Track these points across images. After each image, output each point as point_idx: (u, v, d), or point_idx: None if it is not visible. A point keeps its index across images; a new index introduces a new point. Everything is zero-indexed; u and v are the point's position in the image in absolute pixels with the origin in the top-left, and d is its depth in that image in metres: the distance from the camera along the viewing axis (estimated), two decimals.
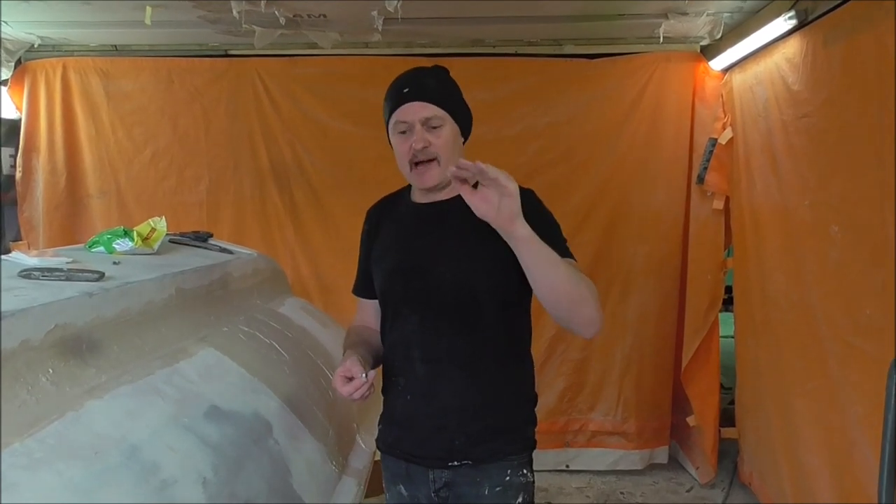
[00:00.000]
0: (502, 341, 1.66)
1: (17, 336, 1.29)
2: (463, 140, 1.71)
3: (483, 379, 1.64)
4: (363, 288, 1.83)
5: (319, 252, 4.10)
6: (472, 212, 1.46)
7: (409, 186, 1.77)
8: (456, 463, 1.64)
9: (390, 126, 1.69)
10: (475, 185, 1.41)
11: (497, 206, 1.37)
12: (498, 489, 1.65)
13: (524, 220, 1.39)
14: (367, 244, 1.82)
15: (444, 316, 1.63)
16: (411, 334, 1.67)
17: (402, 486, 1.74)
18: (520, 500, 1.67)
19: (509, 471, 1.66)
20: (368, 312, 1.82)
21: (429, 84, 1.67)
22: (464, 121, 1.70)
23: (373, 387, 1.53)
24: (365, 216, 1.86)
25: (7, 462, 1.11)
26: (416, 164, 1.63)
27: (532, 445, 1.73)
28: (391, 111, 1.67)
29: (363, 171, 3.99)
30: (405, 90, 1.65)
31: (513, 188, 1.36)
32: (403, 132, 1.64)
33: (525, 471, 1.69)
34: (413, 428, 1.68)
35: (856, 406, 2.48)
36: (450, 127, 1.65)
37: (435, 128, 1.63)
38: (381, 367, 1.74)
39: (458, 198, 1.50)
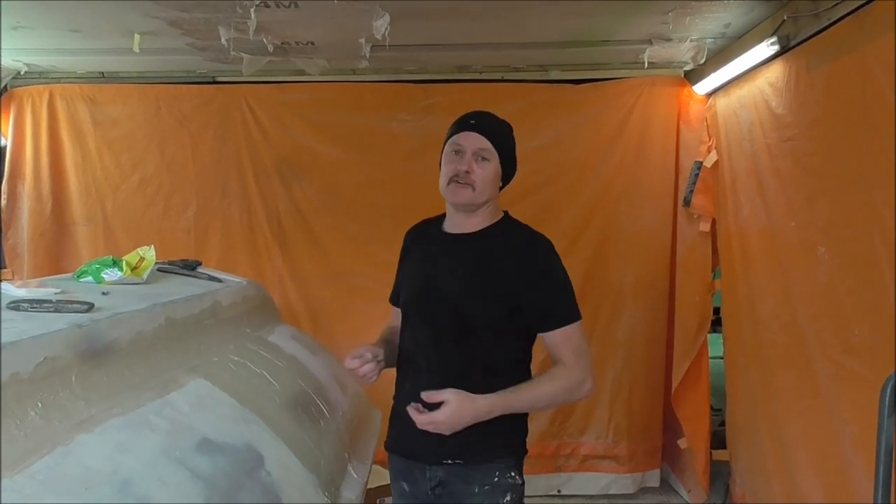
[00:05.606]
0: (494, 359, 1.87)
1: (7, 370, 1.27)
2: (501, 185, 1.93)
3: (474, 391, 1.76)
4: (395, 298, 2.11)
5: (308, 277, 4.08)
6: (485, 247, 1.86)
7: (444, 215, 2.00)
8: (449, 461, 1.84)
9: (446, 147, 1.93)
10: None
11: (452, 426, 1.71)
12: (487, 488, 1.84)
13: (477, 410, 1.72)
14: (401, 261, 2.10)
15: (446, 333, 1.87)
16: (420, 345, 1.92)
17: (403, 483, 1.96)
18: (507, 499, 1.85)
19: (497, 472, 1.85)
20: (398, 318, 2.06)
21: (491, 124, 1.92)
22: (508, 167, 1.93)
23: (378, 366, 1.86)
24: (404, 235, 2.13)
25: None
26: (456, 182, 1.85)
27: (519, 452, 1.93)
28: (453, 134, 1.91)
29: (351, 196, 4.00)
30: (471, 121, 1.90)
31: (445, 421, 1.71)
32: (457, 152, 1.87)
33: (513, 473, 1.88)
34: (412, 427, 1.80)
35: (849, 426, 2.48)
36: (495, 165, 1.88)
37: (483, 159, 1.86)
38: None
39: (480, 233, 1.90)
